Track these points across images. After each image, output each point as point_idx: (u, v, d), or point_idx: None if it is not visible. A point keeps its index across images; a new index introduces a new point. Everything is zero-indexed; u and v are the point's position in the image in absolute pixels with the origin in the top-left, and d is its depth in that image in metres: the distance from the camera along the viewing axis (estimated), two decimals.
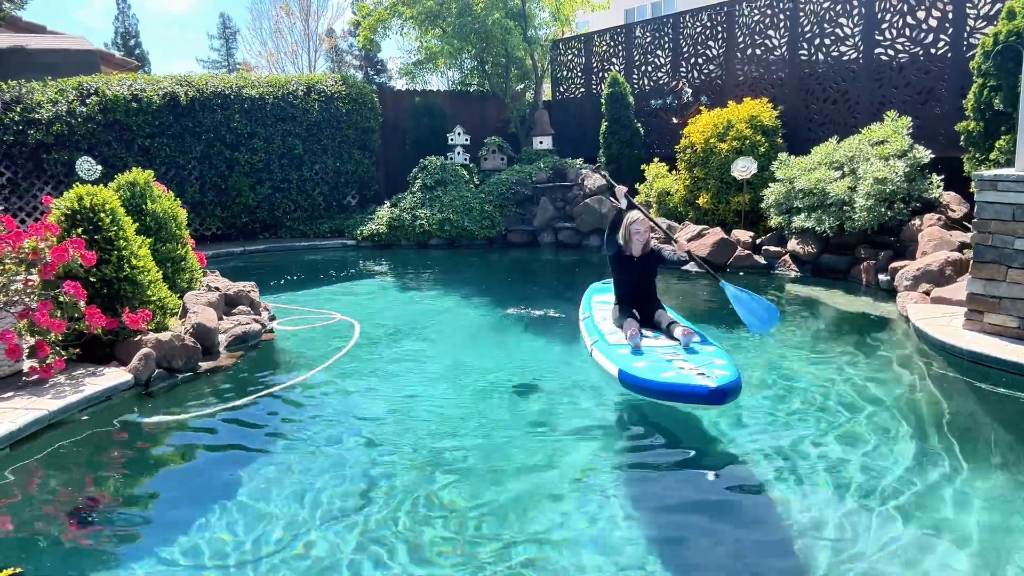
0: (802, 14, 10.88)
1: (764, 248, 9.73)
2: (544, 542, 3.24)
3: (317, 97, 13.70)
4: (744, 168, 10.09)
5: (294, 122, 13.42)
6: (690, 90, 12.50)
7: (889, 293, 7.83)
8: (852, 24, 10.29)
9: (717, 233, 10.02)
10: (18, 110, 11.20)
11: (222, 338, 6.25)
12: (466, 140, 14.78)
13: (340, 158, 14.02)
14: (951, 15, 9.19)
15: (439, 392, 5.28)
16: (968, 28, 9.04)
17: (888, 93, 9.89)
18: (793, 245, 9.35)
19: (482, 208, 13.06)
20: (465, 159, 14.62)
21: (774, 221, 9.66)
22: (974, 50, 8.29)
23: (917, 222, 8.32)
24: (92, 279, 5.51)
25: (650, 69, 13.56)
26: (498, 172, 14.13)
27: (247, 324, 6.54)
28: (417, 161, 13.90)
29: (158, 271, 6.23)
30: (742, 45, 11.83)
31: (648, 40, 13.53)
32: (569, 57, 15.49)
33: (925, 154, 8.70)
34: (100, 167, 11.20)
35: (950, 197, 8.57)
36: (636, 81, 13.73)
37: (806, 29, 10.86)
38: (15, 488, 3.89)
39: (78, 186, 5.73)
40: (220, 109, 12.73)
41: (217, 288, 7.19)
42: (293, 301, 8.50)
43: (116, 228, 5.71)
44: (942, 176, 8.67)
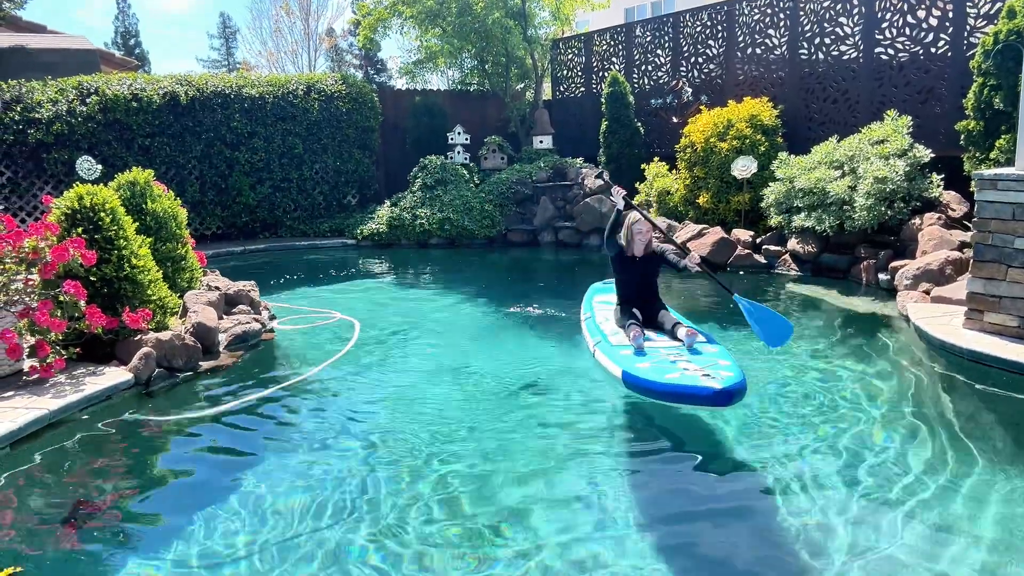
0: (802, 13, 10.88)
1: (764, 247, 9.74)
2: (545, 543, 3.24)
3: (317, 96, 13.70)
4: (744, 167, 10.09)
5: (294, 121, 13.42)
6: (690, 89, 12.50)
7: (889, 292, 7.83)
8: (852, 23, 10.29)
9: (717, 232, 10.02)
10: (18, 109, 11.21)
11: (222, 337, 6.25)
12: (466, 139, 14.77)
13: (340, 157, 14.02)
14: (951, 14, 9.18)
15: (440, 391, 5.28)
16: (968, 27, 9.04)
17: (888, 92, 9.89)
18: (793, 244, 9.35)
19: (482, 207, 13.06)
20: (465, 158, 14.61)
21: (774, 220, 9.66)
22: (974, 49, 8.28)
23: (917, 221, 8.32)
24: (92, 278, 5.51)
25: (650, 68, 13.55)
26: (498, 171, 14.13)
27: (247, 323, 6.55)
28: (417, 160, 13.89)
29: (158, 270, 6.24)
30: (742, 44, 11.82)
31: (648, 39, 13.53)
32: (569, 56, 15.48)
33: (925, 153, 8.70)
34: (100, 166, 11.20)
35: (950, 196, 8.57)
36: (636, 80, 13.72)
37: (806, 28, 10.86)
38: (15, 488, 3.89)
39: (78, 185, 5.74)
40: (220, 108, 12.73)
41: (217, 287, 7.19)
42: (293, 300, 8.50)
43: (116, 227, 5.71)
44: (942, 175, 8.67)
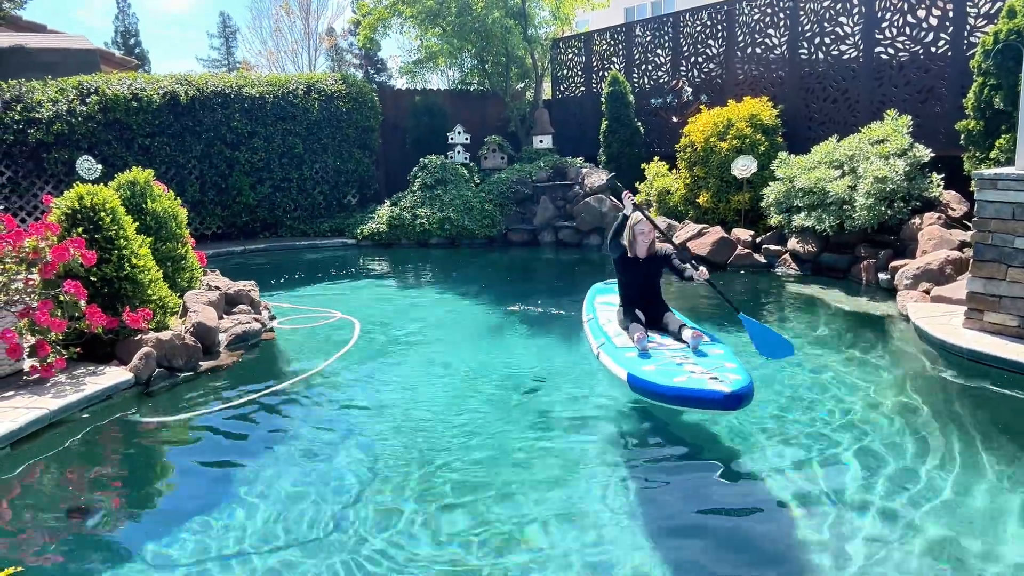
0: (802, 13, 10.88)
1: (764, 247, 9.73)
2: (545, 545, 3.25)
3: (317, 96, 13.69)
4: (744, 167, 10.09)
5: (294, 121, 13.42)
6: (690, 89, 12.50)
7: (889, 292, 7.83)
8: (852, 23, 10.29)
9: (717, 232, 10.02)
10: (18, 109, 11.21)
11: (222, 337, 6.25)
12: (466, 139, 14.77)
13: (340, 157, 14.02)
14: (951, 14, 9.18)
15: (440, 391, 5.28)
16: (968, 27, 9.03)
17: (888, 92, 9.89)
18: (793, 244, 9.35)
19: (482, 207, 13.05)
20: (465, 158, 14.61)
21: (774, 220, 9.66)
22: (974, 49, 8.28)
23: (917, 221, 8.32)
24: (92, 278, 5.51)
25: (650, 68, 13.55)
26: (498, 171, 14.12)
27: (247, 323, 6.55)
28: (417, 160, 13.88)
29: (158, 270, 6.24)
30: (742, 44, 11.82)
31: (648, 39, 13.53)
32: (569, 56, 15.48)
33: (925, 153, 8.70)
34: (100, 166, 11.20)
35: (950, 196, 8.57)
36: (636, 80, 13.72)
37: (806, 28, 10.86)
38: (15, 487, 3.89)
39: (78, 185, 5.74)
40: (220, 108, 12.73)
41: (217, 287, 7.20)
42: (293, 300, 8.50)
43: (116, 227, 5.71)
44: (942, 175, 8.66)
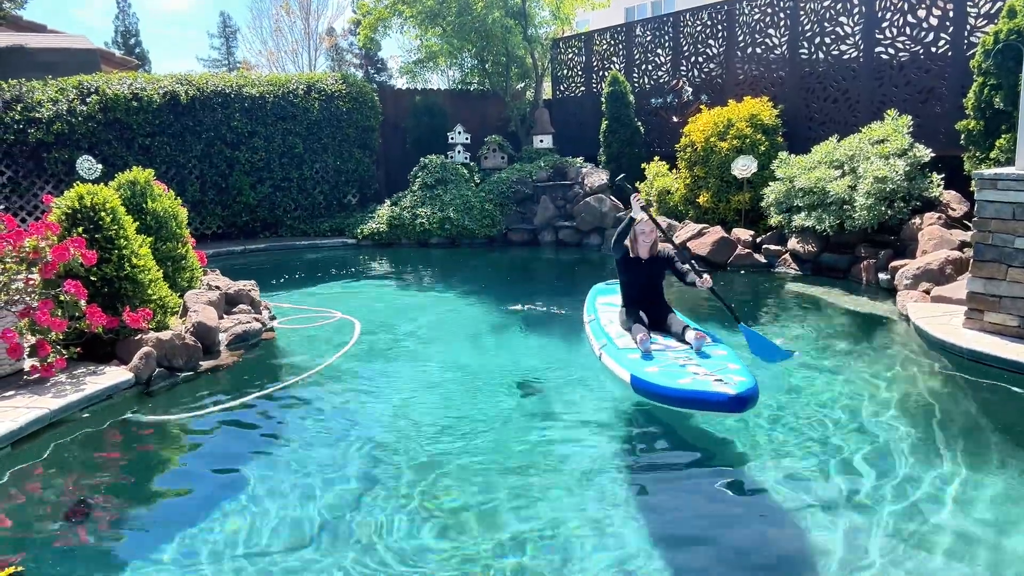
0: (802, 13, 10.87)
1: (764, 247, 9.74)
2: (545, 545, 3.25)
3: (317, 96, 13.69)
4: (744, 167, 10.09)
5: (294, 121, 13.42)
6: (690, 89, 12.49)
7: (889, 292, 7.83)
8: (852, 23, 10.28)
9: (717, 232, 10.02)
10: (18, 109, 11.21)
11: (223, 337, 6.25)
12: (466, 139, 14.77)
13: (340, 157, 14.02)
14: (952, 14, 9.17)
15: (441, 391, 5.28)
16: (969, 27, 9.03)
17: (888, 92, 9.88)
18: (793, 244, 9.35)
19: (482, 207, 13.05)
20: (465, 158, 14.61)
21: (774, 220, 9.66)
22: (975, 49, 8.27)
23: (917, 221, 8.32)
24: (93, 278, 5.51)
25: (650, 68, 13.55)
26: (498, 171, 14.11)
27: (248, 323, 6.55)
28: (417, 160, 13.88)
29: (159, 270, 6.24)
30: (742, 44, 11.82)
31: (648, 39, 13.53)
32: (569, 56, 15.48)
33: (925, 153, 8.69)
34: (100, 166, 11.20)
35: (950, 196, 8.57)
36: (636, 80, 13.72)
37: (806, 28, 10.85)
38: (16, 487, 3.89)
39: (79, 185, 5.74)
40: (220, 108, 12.73)
41: (218, 287, 7.19)
42: (294, 300, 8.50)
43: (117, 227, 5.71)
44: (942, 175, 8.66)
